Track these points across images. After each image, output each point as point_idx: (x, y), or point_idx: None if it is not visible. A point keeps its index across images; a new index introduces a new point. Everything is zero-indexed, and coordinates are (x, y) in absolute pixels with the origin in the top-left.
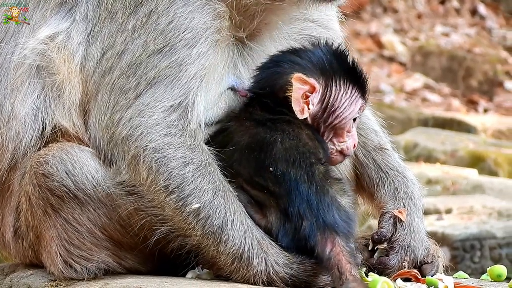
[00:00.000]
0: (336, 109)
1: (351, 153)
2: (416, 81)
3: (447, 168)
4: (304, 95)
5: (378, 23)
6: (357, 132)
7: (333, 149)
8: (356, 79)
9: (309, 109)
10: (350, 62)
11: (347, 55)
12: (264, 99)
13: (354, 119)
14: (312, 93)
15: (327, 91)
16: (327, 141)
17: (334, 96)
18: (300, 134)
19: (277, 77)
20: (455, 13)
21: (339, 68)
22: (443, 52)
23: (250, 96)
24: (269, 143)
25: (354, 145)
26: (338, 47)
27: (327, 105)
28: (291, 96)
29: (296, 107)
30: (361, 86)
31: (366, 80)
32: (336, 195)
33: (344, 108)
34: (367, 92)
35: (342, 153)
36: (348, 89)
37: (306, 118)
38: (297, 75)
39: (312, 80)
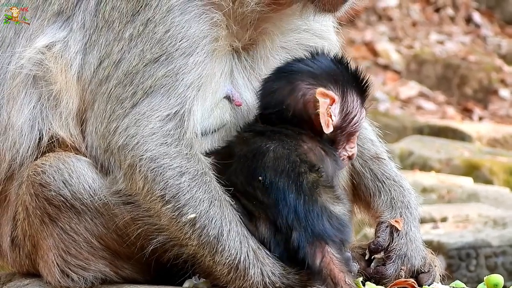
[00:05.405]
0: (354, 116)
1: (355, 157)
2: (411, 89)
3: (442, 177)
4: (327, 108)
5: (373, 31)
6: None
7: (345, 155)
8: (361, 84)
9: (332, 121)
10: (354, 68)
11: (348, 61)
12: (272, 116)
13: None
14: (332, 105)
15: (344, 100)
16: (341, 149)
17: (350, 104)
18: (299, 146)
19: (296, 95)
20: (449, 21)
21: (348, 75)
22: (438, 60)
23: (257, 116)
24: (261, 152)
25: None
26: (337, 55)
27: (345, 114)
28: (318, 112)
29: (322, 122)
30: (365, 91)
31: (369, 84)
32: (326, 203)
33: (357, 113)
34: (368, 96)
35: (350, 158)
36: (358, 95)
37: (322, 133)
38: (320, 89)
39: (331, 93)
